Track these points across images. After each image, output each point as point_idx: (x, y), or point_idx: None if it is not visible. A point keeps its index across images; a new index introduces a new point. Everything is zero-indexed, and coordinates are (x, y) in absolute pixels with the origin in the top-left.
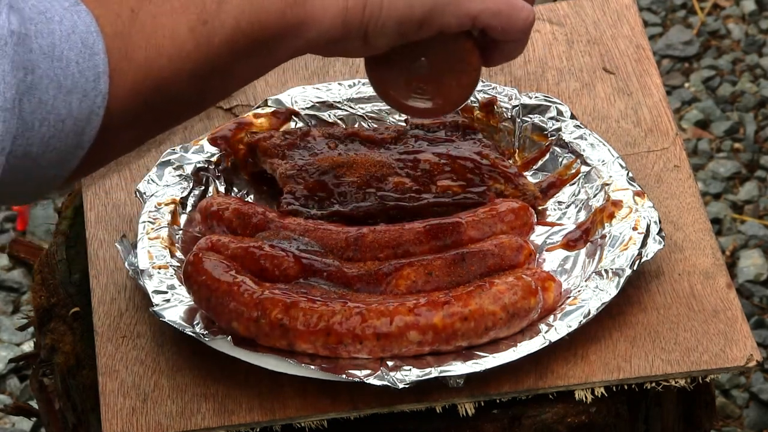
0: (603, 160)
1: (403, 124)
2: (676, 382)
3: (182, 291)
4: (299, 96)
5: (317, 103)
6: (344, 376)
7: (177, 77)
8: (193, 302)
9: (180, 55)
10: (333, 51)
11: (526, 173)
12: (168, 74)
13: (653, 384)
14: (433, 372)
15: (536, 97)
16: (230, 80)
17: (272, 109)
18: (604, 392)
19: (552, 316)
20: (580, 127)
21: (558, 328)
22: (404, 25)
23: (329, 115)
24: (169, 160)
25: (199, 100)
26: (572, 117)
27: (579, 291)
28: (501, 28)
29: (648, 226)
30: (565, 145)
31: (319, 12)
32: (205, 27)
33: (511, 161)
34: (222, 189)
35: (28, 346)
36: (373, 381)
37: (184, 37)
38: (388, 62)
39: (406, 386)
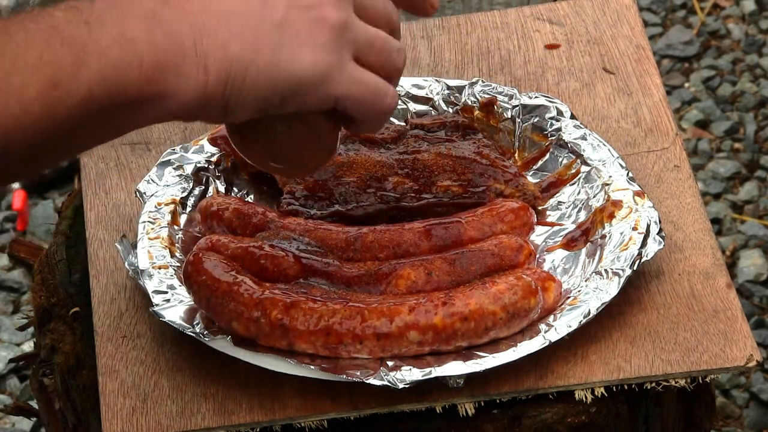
0: (603, 160)
1: (403, 124)
2: (676, 382)
3: (182, 291)
4: None
5: None
6: (344, 376)
7: (23, 137)
8: (193, 302)
9: (26, 116)
10: (193, 119)
11: (526, 173)
12: (13, 133)
13: (653, 384)
14: (433, 372)
15: (536, 97)
16: (79, 143)
17: None
18: (604, 392)
19: (552, 316)
20: (580, 127)
21: (558, 328)
22: (265, 102)
23: None
24: (169, 160)
25: (46, 160)
26: (572, 117)
27: (579, 291)
28: (362, 113)
29: (648, 226)
30: (565, 145)
31: (181, 87)
32: (55, 90)
33: (511, 161)
34: (222, 189)
35: (28, 346)
36: (373, 381)
37: (32, 99)
38: (251, 129)
39: (406, 386)
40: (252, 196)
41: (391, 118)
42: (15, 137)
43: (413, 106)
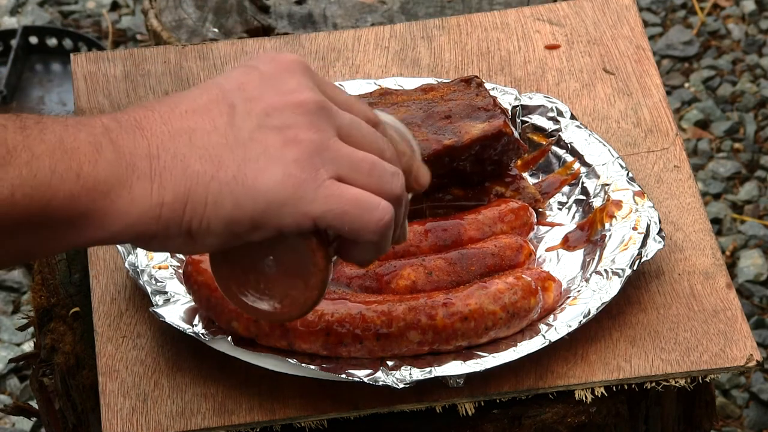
0: (603, 161)
1: None
2: (676, 382)
3: (182, 291)
4: None
5: None
6: (344, 376)
7: None
8: (193, 302)
9: None
10: (151, 246)
11: (525, 173)
12: None
13: (653, 384)
14: (433, 372)
15: (536, 97)
16: (6, 250)
17: None
18: (604, 392)
19: (552, 316)
20: (580, 128)
21: (558, 328)
22: (234, 226)
23: None
24: None
25: None
26: (572, 117)
27: (579, 291)
28: (348, 230)
29: (648, 226)
30: (565, 145)
31: (126, 204)
32: None
33: (511, 163)
34: None
35: (28, 346)
36: (373, 381)
37: None
38: (231, 259)
39: (406, 386)
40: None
41: None
42: None
43: None
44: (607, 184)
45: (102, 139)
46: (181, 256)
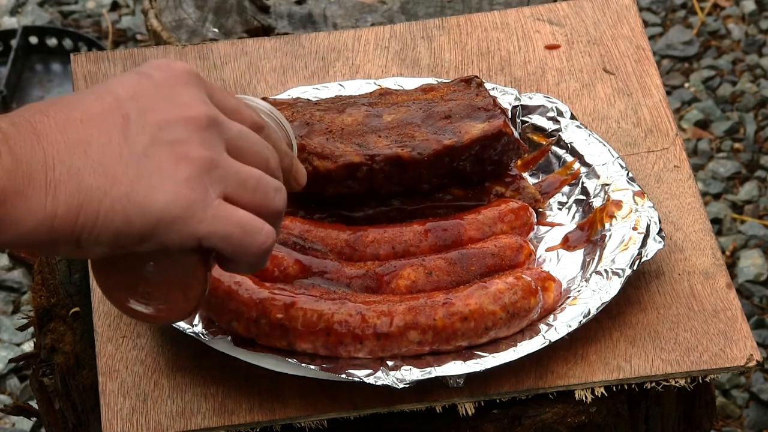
0: (603, 160)
1: None
2: (676, 382)
3: None
4: (299, 96)
5: None
6: (344, 376)
7: None
8: None
9: None
10: (40, 252)
11: (525, 173)
12: None
13: (653, 384)
14: (433, 372)
15: (536, 97)
16: None
17: None
18: (604, 392)
19: (552, 316)
20: (580, 128)
21: (558, 328)
22: (122, 239)
23: None
24: None
25: None
26: (572, 117)
27: (579, 291)
28: (231, 251)
29: (648, 226)
30: (565, 145)
31: (21, 214)
32: None
33: (511, 163)
34: None
35: (28, 346)
36: (373, 381)
37: None
38: (113, 263)
39: (406, 386)
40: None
41: None
42: None
43: None
44: (607, 184)
45: (0, 147)
46: None
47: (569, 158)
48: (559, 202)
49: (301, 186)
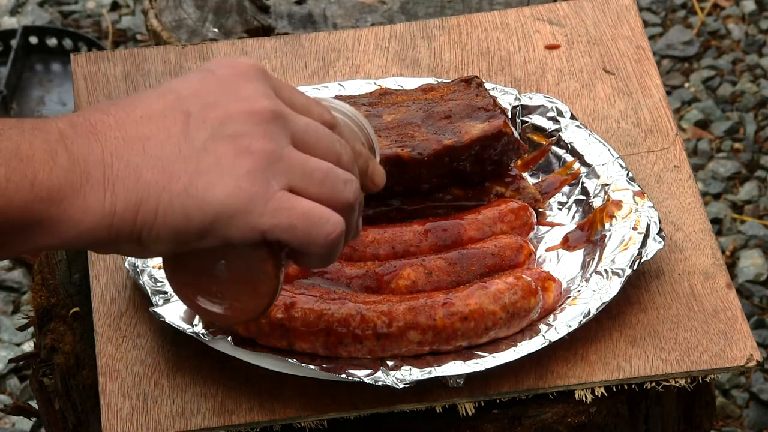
0: (603, 161)
1: None
2: (676, 382)
3: None
4: None
5: None
6: (344, 376)
7: None
8: None
9: None
10: (103, 250)
11: (525, 173)
12: None
13: (653, 384)
14: (433, 372)
15: (536, 97)
16: None
17: None
18: (604, 392)
19: (552, 316)
20: (580, 128)
21: (558, 328)
22: (182, 235)
23: None
24: None
25: None
26: (572, 117)
27: (579, 291)
28: (298, 243)
29: (648, 226)
30: (565, 145)
31: (78, 213)
32: None
33: (511, 163)
34: None
35: (28, 346)
36: (373, 381)
37: None
38: (184, 263)
39: (406, 386)
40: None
41: None
42: None
43: None
44: (607, 184)
45: (57, 146)
46: None
47: (569, 158)
48: (559, 202)
49: (378, 187)
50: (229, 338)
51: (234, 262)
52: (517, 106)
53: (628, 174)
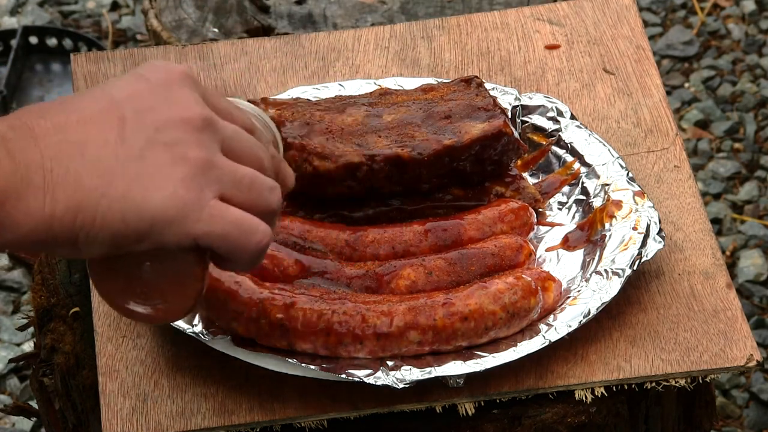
0: (603, 161)
1: None
2: (676, 382)
3: None
4: (299, 96)
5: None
6: (344, 376)
7: None
8: None
9: None
10: (36, 252)
11: (525, 173)
12: None
13: (653, 384)
14: (433, 372)
15: (536, 97)
16: None
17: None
18: (604, 392)
19: (552, 316)
20: (580, 128)
21: (558, 328)
22: (119, 239)
23: None
24: None
25: None
26: (572, 117)
27: (579, 291)
28: (228, 250)
29: (648, 226)
30: (565, 145)
31: (20, 216)
32: None
33: (511, 163)
34: None
35: (28, 346)
36: (373, 381)
37: None
38: (110, 265)
39: (406, 386)
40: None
41: None
42: None
43: None
44: (607, 184)
45: None
46: None
47: (569, 158)
48: (559, 202)
49: (289, 188)
50: (229, 338)
51: (161, 264)
52: (517, 106)
53: (628, 174)
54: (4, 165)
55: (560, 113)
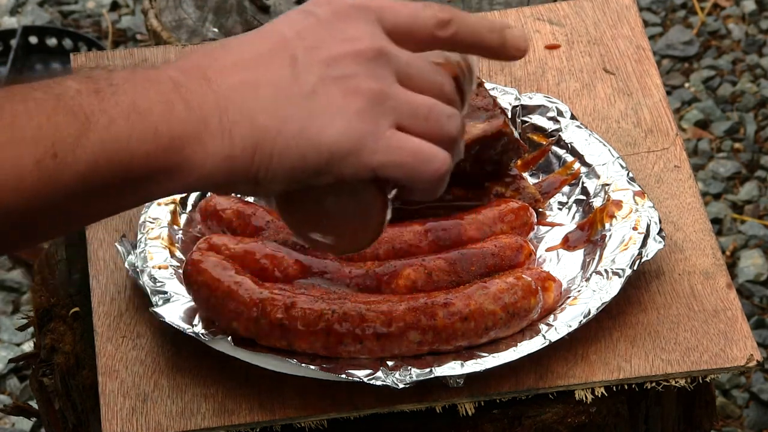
0: (603, 160)
1: None
2: (676, 382)
3: (182, 291)
4: None
5: None
6: (344, 376)
7: (22, 209)
8: (193, 302)
9: (23, 187)
10: (219, 191)
11: (525, 173)
12: (12, 206)
13: (653, 384)
14: (433, 372)
15: (536, 97)
16: (83, 215)
17: None
18: (604, 392)
19: (552, 316)
20: (581, 128)
21: (558, 328)
22: (297, 174)
23: None
24: None
25: (48, 230)
26: (572, 117)
27: (579, 291)
28: (407, 180)
29: (648, 226)
30: (565, 145)
31: (199, 159)
32: (54, 161)
33: (511, 163)
34: None
35: (28, 346)
36: (373, 381)
37: (29, 170)
38: (295, 200)
39: (406, 386)
40: (252, 197)
41: None
42: (10, 205)
43: None
44: (608, 184)
45: (173, 96)
46: (180, 255)
47: (569, 158)
48: (559, 202)
49: (522, 53)
50: (229, 338)
51: (343, 197)
52: (517, 106)
53: (628, 174)
54: (179, 111)
55: (560, 113)
